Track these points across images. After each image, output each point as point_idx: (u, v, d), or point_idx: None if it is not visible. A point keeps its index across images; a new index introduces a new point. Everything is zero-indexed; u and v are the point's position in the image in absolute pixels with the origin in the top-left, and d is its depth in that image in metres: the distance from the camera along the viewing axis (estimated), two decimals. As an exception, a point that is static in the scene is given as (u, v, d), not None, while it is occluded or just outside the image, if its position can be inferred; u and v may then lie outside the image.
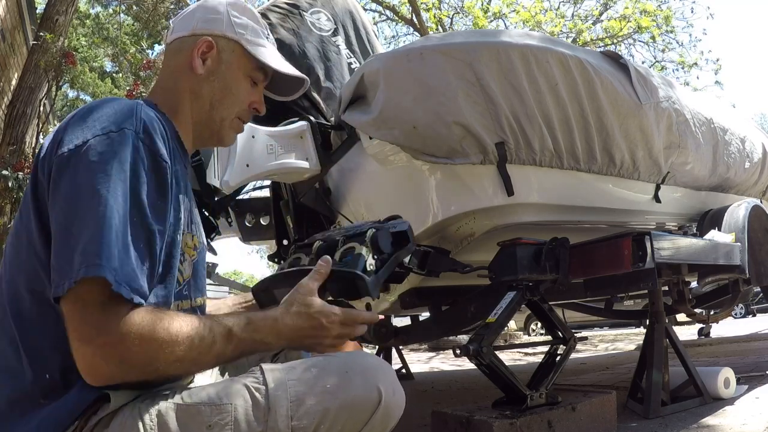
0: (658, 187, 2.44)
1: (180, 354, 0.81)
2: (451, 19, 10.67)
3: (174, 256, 0.91)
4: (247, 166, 1.97)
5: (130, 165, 0.83)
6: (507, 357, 5.47)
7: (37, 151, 6.37)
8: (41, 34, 6.62)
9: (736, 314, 11.71)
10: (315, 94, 2.26)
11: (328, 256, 1.04)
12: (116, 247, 0.78)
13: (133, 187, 0.82)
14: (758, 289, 3.17)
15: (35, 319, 0.85)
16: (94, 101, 0.94)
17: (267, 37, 1.14)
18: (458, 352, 1.75)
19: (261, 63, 1.10)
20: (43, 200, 0.86)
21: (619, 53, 2.29)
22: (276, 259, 2.69)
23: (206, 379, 1.07)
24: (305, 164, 2.09)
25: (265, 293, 1.16)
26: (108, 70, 16.05)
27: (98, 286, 0.77)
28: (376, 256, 1.06)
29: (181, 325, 0.83)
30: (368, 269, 1.03)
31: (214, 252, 2.69)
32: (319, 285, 0.98)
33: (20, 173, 6.05)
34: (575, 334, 2.02)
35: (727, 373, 2.32)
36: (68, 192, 0.81)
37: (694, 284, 2.75)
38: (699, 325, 6.62)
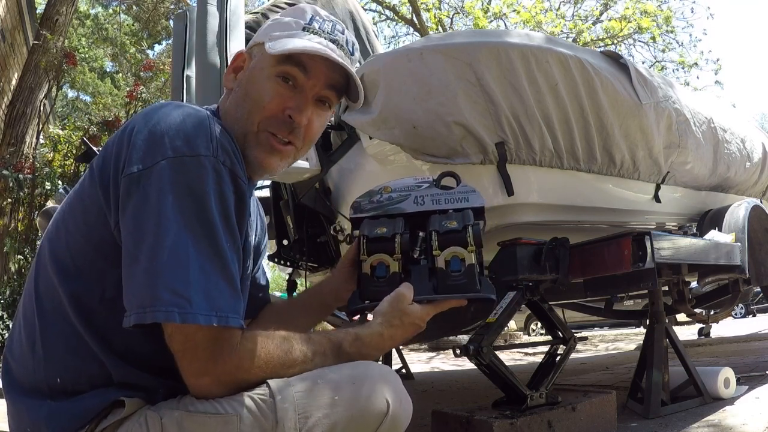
0: (658, 187, 2.44)
1: (296, 371, 0.84)
2: (451, 19, 10.67)
3: (244, 278, 0.93)
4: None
5: (210, 190, 0.79)
6: (507, 357, 5.46)
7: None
8: (42, 34, 6.62)
9: (736, 314, 11.70)
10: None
11: (456, 248, 0.99)
12: (204, 279, 0.77)
13: (211, 213, 0.79)
14: (758, 289, 3.17)
15: (56, 323, 0.85)
16: (155, 107, 0.86)
17: (307, 28, 0.94)
18: (458, 352, 1.75)
19: (283, 54, 0.91)
20: (99, 208, 0.84)
21: (619, 53, 2.29)
22: (276, 259, 2.70)
23: None
24: (305, 164, 2.09)
25: (361, 309, 1.04)
26: (108, 70, 16.07)
27: (205, 326, 0.77)
28: (477, 252, 1.00)
29: (293, 344, 0.85)
30: (478, 277, 0.99)
31: None
32: (413, 293, 0.97)
33: (20, 173, 6.05)
34: (575, 334, 2.02)
35: (727, 373, 2.32)
36: (139, 218, 0.78)
37: (694, 284, 2.75)
38: (699, 325, 6.62)
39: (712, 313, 3.27)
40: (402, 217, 1.09)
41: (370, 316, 0.99)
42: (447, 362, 5.86)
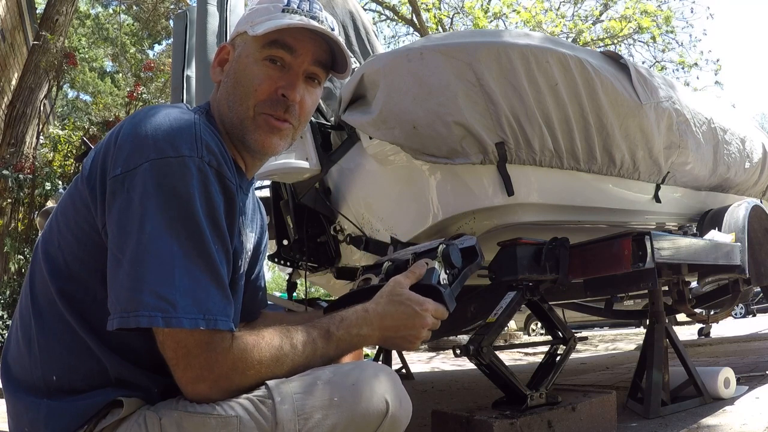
0: (658, 187, 2.44)
1: (289, 366, 0.84)
2: (451, 19, 10.67)
3: (236, 281, 0.93)
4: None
5: (194, 192, 0.79)
6: (507, 357, 5.47)
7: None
8: (42, 34, 6.62)
9: (736, 314, 11.72)
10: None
11: (427, 259, 1.06)
12: (191, 282, 0.77)
13: (196, 214, 0.79)
14: (758, 289, 3.17)
15: (52, 322, 0.86)
16: (144, 110, 0.87)
17: (286, 9, 0.95)
18: (458, 352, 1.75)
19: (271, 36, 0.93)
20: (87, 209, 0.84)
21: (619, 53, 2.29)
22: (276, 259, 2.70)
23: None
24: (305, 164, 2.09)
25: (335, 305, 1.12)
26: (108, 70, 16.07)
27: (194, 330, 0.77)
28: (448, 271, 1.06)
29: (282, 338, 0.85)
30: (442, 283, 1.03)
31: None
32: (411, 282, 0.98)
33: (20, 174, 6.06)
34: (575, 334, 2.02)
35: (727, 373, 2.32)
36: (122, 221, 0.78)
37: (694, 284, 2.75)
38: (699, 325, 6.62)
39: (712, 313, 3.27)
40: (395, 260, 1.19)
41: None
42: (447, 362, 5.86)
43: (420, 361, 6.06)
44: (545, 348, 2.09)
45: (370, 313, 0.93)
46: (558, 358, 1.97)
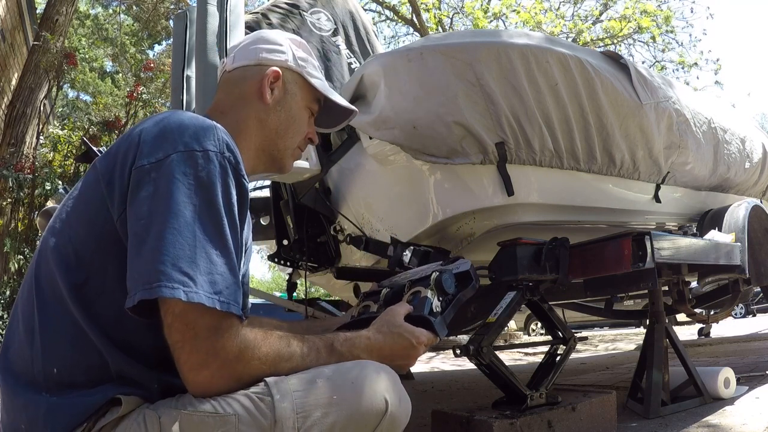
0: (658, 187, 2.44)
1: (292, 366, 0.86)
2: (451, 19, 10.67)
3: (244, 275, 0.96)
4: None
5: (217, 183, 0.84)
6: (507, 357, 5.47)
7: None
8: (42, 34, 6.62)
9: (736, 314, 11.72)
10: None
11: (420, 287, 1.11)
12: (209, 264, 0.80)
13: (217, 203, 0.84)
14: (758, 289, 3.17)
15: (56, 315, 0.86)
16: (166, 113, 0.94)
17: (320, 70, 1.20)
18: (458, 352, 1.75)
19: (319, 95, 1.16)
20: (101, 203, 0.87)
21: (619, 53, 2.29)
22: (276, 259, 2.70)
23: None
24: (305, 164, 2.09)
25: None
26: (108, 70, 16.05)
27: (207, 311, 0.79)
28: (441, 298, 1.10)
29: (289, 339, 0.88)
30: (434, 311, 1.07)
31: None
32: (406, 313, 1.04)
33: (20, 174, 6.06)
34: (575, 334, 2.02)
35: (727, 373, 2.32)
36: (149, 205, 0.81)
37: (694, 284, 2.75)
38: (699, 325, 6.62)
39: (712, 313, 3.27)
40: (393, 286, 1.25)
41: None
42: (447, 362, 5.86)
43: (420, 361, 6.06)
44: (545, 348, 2.09)
45: (372, 341, 0.97)
46: (558, 358, 1.97)
